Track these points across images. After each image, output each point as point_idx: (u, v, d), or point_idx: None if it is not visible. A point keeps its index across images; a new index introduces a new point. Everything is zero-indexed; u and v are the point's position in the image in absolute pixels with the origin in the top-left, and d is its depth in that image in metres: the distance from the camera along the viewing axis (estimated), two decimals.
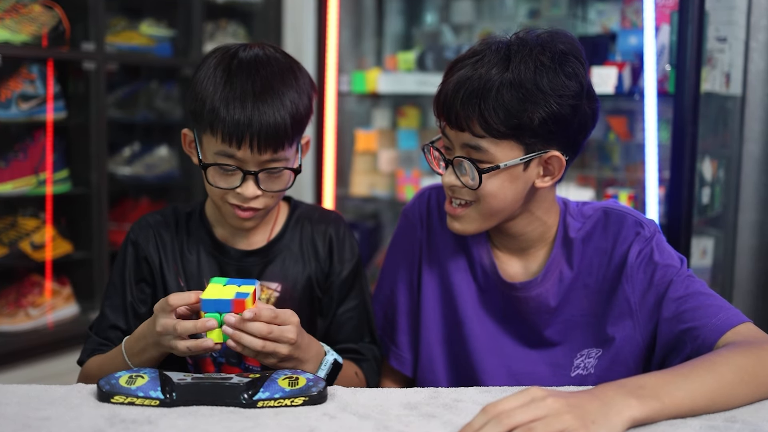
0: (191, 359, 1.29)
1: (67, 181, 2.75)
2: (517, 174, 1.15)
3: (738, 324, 1.09)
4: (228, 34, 3.22)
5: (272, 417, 0.96)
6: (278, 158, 1.19)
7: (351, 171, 3.05)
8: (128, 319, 1.27)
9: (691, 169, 2.15)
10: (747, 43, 2.40)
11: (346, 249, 1.33)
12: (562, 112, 1.12)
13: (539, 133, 1.13)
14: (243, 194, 1.19)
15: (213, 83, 1.17)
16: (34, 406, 0.97)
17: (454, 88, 1.14)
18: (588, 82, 1.16)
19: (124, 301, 1.27)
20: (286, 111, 1.17)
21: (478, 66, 1.13)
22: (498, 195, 1.16)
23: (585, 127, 1.17)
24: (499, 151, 1.13)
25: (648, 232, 1.20)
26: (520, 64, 1.11)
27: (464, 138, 1.15)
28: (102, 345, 1.25)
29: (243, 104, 1.15)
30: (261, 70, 1.18)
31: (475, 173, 1.14)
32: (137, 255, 1.29)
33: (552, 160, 1.16)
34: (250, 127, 1.14)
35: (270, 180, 1.21)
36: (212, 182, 1.20)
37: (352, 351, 1.31)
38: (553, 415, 0.85)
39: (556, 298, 1.23)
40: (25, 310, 2.63)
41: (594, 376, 1.20)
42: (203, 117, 1.18)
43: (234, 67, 1.18)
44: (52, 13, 2.62)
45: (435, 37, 3.09)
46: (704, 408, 0.96)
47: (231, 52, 1.21)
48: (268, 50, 1.22)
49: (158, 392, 0.99)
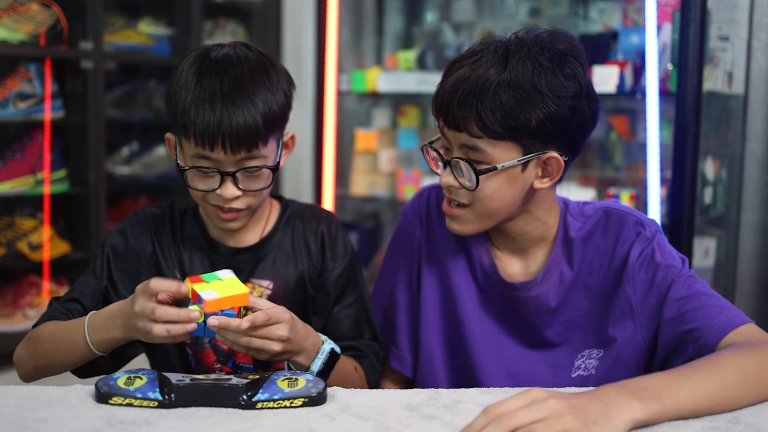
0: (191, 349, 1.29)
1: (64, 181, 2.76)
2: (515, 175, 1.15)
3: (740, 325, 1.08)
4: (227, 32, 3.22)
5: (271, 418, 0.95)
6: (254, 156, 1.18)
7: (351, 171, 3.05)
8: (94, 299, 1.25)
9: (693, 168, 2.15)
10: (749, 41, 2.40)
11: (339, 246, 1.33)
12: (560, 113, 1.11)
13: (537, 134, 1.12)
14: (223, 195, 1.19)
15: (185, 86, 1.18)
16: (31, 408, 0.97)
17: (451, 88, 1.13)
18: (587, 82, 1.15)
19: (98, 282, 1.26)
20: (258, 111, 1.16)
21: (476, 66, 1.12)
22: (496, 196, 1.15)
23: (584, 127, 1.16)
24: (497, 151, 1.13)
25: (649, 233, 1.19)
26: (518, 64, 1.11)
27: (462, 138, 1.14)
28: (61, 313, 1.23)
29: (212, 105, 1.15)
30: (230, 71, 1.18)
31: (472, 174, 1.14)
32: (125, 243, 1.29)
33: (550, 161, 1.15)
34: (220, 128, 1.14)
35: (249, 179, 1.20)
36: (192, 185, 1.21)
37: (351, 348, 1.30)
38: (554, 417, 0.85)
39: (556, 298, 1.22)
40: (22, 310, 2.63)
41: (595, 377, 1.20)
42: (177, 120, 1.18)
43: (204, 68, 1.18)
44: (50, 11, 2.63)
45: (435, 36, 3.10)
46: (707, 409, 0.95)
47: (202, 53, 1.22)
48: (239, 49, 1.22)
49: (157, 393, 0.98)
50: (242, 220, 1.25)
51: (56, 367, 1.20)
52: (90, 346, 1.13)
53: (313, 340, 1.16)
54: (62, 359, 1.18)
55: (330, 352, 1.17)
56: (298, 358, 1.14)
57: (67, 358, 1.18)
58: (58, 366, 1.20)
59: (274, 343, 1.08)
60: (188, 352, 1.30)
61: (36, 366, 1.21)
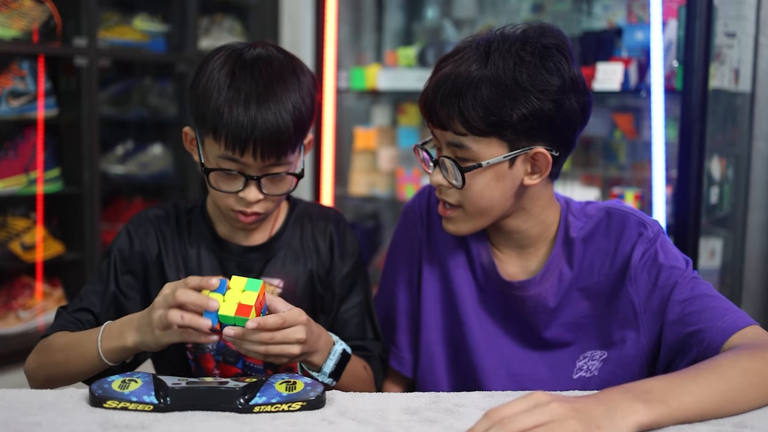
0: (191, 354, 1.29)
1: (58, 180, 2.75)
2: (502, 172, 1.15)
3: (744, 326, 1.08)
4: (224, 29, 3.22)
5: (269, 422, 0.95)
6: (281, 163, 1.20)
7: (350, 170, 3.05)
8: (104, 305, 1.26)
9: (699, 167, 2.15)
10: (756, 38, 2.41)
11: (347, 245, 1.34)
12: (543, 107, 1.11)
13: (521, 130, 1.13)
14: (245, 198, 1.20)
15: (217, 86, 1.17)
16: (24, 411, 0.96)
17: (434, 87, 1.15)
18: (574, 75, 1.15)
19: (105, 288, 1.26)
20: (289, 115, 1.17)
21: (458, 63, 1.14)
22: (484, 194, 1.16)
23: (572, 122, 1.15)
24: (482, 148, 1.14)
25: (651, 233, 1.18)
26: (499, 60, 1.12)
27: (448, 137, 1.16)
28: (72, 323, 1.24)
29: (246, 107, 1.15)
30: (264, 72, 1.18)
31: (458, 172, 1.15)
32: (131, 247, 1.29)
33: (538, 156, 1.15)
34: (254, 132, 1.15)
35: (272, 184, 1.22)
36: (215, 186, 1.21)
37: (359, 348, 1.31)
38: (557, 420, 0.84)
39: (555, 298, 1.22)
40: (15, 312, 2.63)
41: (597, 379, 1.20)
42: (206, 120, 1.18)
43: (238, 69, 1.18)
44: (43, 7, 2.62)
45: (436, 33, 3.10)
46: (712, 413, 0.95)
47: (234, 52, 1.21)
48: (269, 50, 1.22)
49: (152, 397, 0.98)
50: (259, 222, 1.27)
51: (68, 377, 1.20)
52: (101, 354, 1.12)
53: (325, 338, 1.16)
54: (74, 370, 1.18)
55: (342, 352, 1.17)
56: (313, 357, 1.14)
57: (79, 368, 1.17)
58: (69, 376, 1.20)
59: (293, 347, 1.08)
60: (189, 357, 1.29)
61: (48, 377, 1.21)
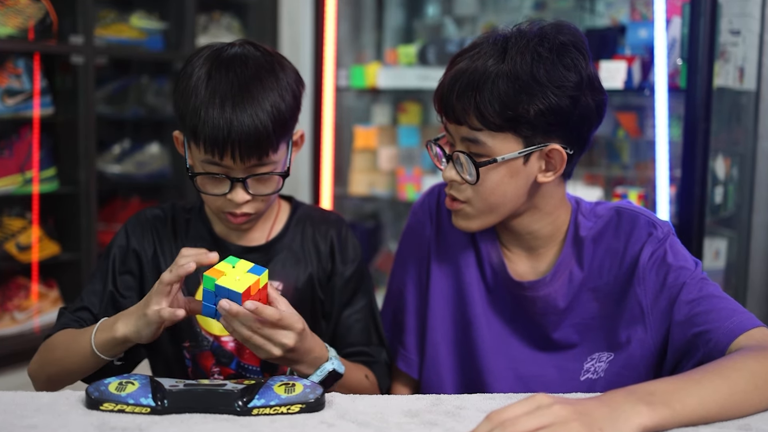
0: (188, 353, 1.29)
1: (54, 180, 2.75)
2: (517, 168, 1.15)
3: (751, 328, 1.07)
4: (222, 26, 3.23)
5: (268, 425, 0.95)
6: (264, 163, 1.20)
7: (349, 169, 3.04)
8: (103, 304, 1.27)
9: (703, 167, 2.15)
10: (761, 36, 2.40)
11: (349, 250, 1.34)
12: (560, 104, 1.12)
13: (537, 126, 1.13)
14: (233, 200, 1.20)
15: (194, 88, 1.18)
16: (20, 414, 0.96)
17: (450, 81, 1.15)
18: (591, 73, 1.16)
19: (104, 287, 1.28)
20: (267, 116, 1.16)
21: (475, 58, 1.14)
22: (497, 190, 1.16)
23: (588, 119, 1.16)
24: (497, 144, 1.14)
25: (661, 233, 1.18)
26: (517, 55, 1.12)
27: (462, 132, 1.15)
28: (73, 322, 1.26)
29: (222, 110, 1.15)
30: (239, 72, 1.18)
31: (472, 167, 1.15)
32: (128, 246, 1.31)
33: (553, 153, 1.15)
34: (230, 134, 1.15)
35: (260, 184, 1.22)
36: (202, 189, 1.22)
37: (363, 354, 1.31)
38: (559, 423, 0.84)
39: (565, 299, 1.22)
40: (10, 313, 2.63)
41: (603, 380, 1.19)
42: (186, 122, 1.19)
43: (214, 69, 1.19)
44: (39, 4, 2.62)
45: (437, 30, 3.09)
46: (716, 415, 0.94)
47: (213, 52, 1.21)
48: (246, 48, 1.22)
49: (149, 399, 0.98)
50: (252, 222, 1.27)
51: (67, 375, 1.21)
52: (93, 347, 1.13)
53: (317, 354, 1.15)
54: (72, 366, 1.19)
55: (331, 372, 1.16)
56: (299, 367, 1.14)
57: (76, 365, 1.18)
58: (68, 374, 1.20)
59: (275, 348, 1.08)
60: (186, 356, 1.29)
61: (48, 376, 1.22)
